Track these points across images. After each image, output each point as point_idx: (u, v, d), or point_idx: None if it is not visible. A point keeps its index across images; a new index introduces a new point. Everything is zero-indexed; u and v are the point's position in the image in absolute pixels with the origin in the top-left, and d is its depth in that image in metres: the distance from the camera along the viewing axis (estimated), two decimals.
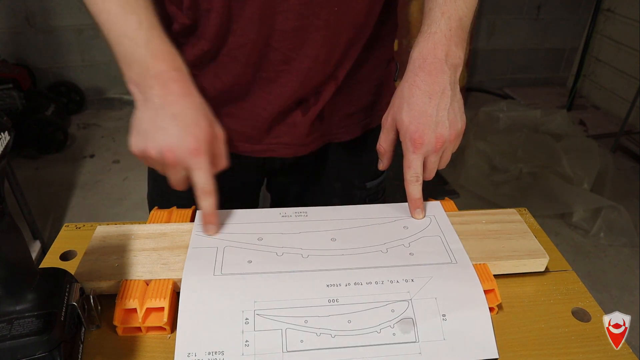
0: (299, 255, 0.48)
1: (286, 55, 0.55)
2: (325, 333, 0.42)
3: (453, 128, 0.52)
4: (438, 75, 0.51)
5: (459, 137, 0.53)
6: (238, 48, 0.55)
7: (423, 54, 0.52)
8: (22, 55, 2.38)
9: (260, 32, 0.53)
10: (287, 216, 0.54)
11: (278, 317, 0.42)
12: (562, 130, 2.29)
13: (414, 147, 0.51)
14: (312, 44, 0.54)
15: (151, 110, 0.48)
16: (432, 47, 0.51)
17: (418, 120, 0.51)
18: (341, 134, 0.68)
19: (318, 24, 0.53)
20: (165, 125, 0.48)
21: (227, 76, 0.57)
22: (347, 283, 0.45)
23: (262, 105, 0.60)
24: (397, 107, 0.53)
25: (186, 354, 0.40)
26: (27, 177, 2.03)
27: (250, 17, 0.52)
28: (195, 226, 0.52)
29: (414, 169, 0.52)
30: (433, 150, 0.52)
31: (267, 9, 0.51)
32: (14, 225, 0.36)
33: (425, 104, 0.51)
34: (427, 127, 0.51)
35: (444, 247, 0.50)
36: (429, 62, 0.51)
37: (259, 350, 0.40)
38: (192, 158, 0.48)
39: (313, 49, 0.55)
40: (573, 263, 0.54)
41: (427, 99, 0.51)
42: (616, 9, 2.59)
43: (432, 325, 0.43)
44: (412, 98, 0.51)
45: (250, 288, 0.44)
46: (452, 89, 0.52)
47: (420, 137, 0.51)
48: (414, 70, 0.52)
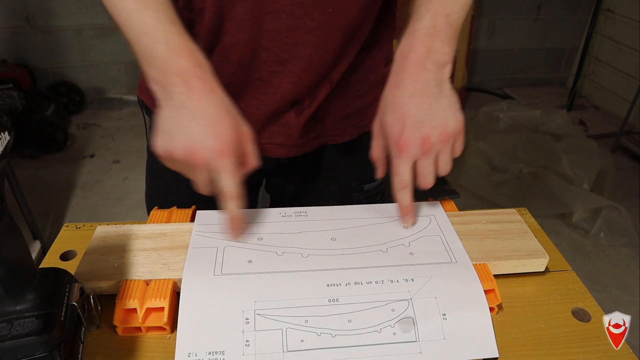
0: (299, 255, 0.48)
1: (279, 56, 0.55)
2: (326, 333, 0.41)
3: (442, 127, 0.48)
4: (420, 73, 0.48)
5: (455, 138, 0.50)
6: (230, 48, 0.55)
7: (404, 52, 0.49)
8: (22, 55, 2.38)
9: (251, 32, 0.53)
10: (287, 216, 0.54)
11: (278, 317, 0.42)
12: (562, 130, 2.29)
13: (399, 151, 0.49)
14: (306, 45, 0.54)
15: (174, 109, 0.46)
16: (412, 45, 0.49)
17: (401, 122, 0.48)
18: (337, 135, 0.67)
19: (311, 24, 0.52)
20: (189, 124, 0.46)
21: (220, 76, 0.57)
22: (347, 282, 0.45)
23: (256, 105, 0.59)
24: (382, 111, 0.52)
25: (186, 354, 0.40)
26: (27, 177, 2.03)
27: (241, 16, 0.52)
28: (196, 226, 0.52)
29: (400, 176, 0.50)
30: (421, 153, 0.48)
31: (258, 8, 0.51)
32: (14, 225, 0.36)
33: (407, 104, 0.48)
34: (410, 128, 0.48)
35: (444, 247, 0.50)
36: (410, 60, 0.49)
37: (260, 350, 0.40)
38: (217, 159, 0.46)
39: (307, 50, 0.54)
40: (573, 263, 0.54)
41: (408, 98, 0.48)
42: (616, 9, 2.59)
43: (432, 325, 0.43)
44: (394, 99, 0.50)
45: (251, 288, 0.44)
46: (438, 85, 0.49)
47: (404, 140, 0.48)
48: (396, 70, 0.50)
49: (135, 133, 2.40)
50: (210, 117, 0.46)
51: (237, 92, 0.59)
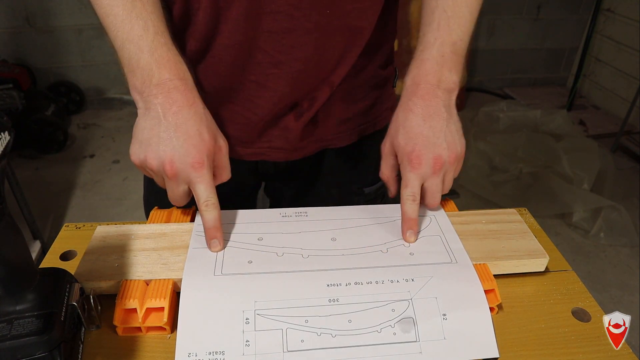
0: (299, 255, 0.48)
1: (275, 58, 0.54)
2: (326, 333, 0.41)
3: (452, 150, 0.51)
4: (431, 99, 0.51)
5: (459, 160, 0.53)
6: (225, 49, 0.54)
7: (416, 80, 0.52)
8: (22, 55, 2.38)
9: (246, 33, 0.53)
10: (287, 216, 0.54)
11: (278, 317, 0.42)
12: (562, 130, 2.29)
13: (411, 166, 0.51)
14: (303, 47, 0.54)
15: (153, 119, 0.47)
16: (424, 74, 0.52)
17: (414, 142, 0.51)
18: (337, 139, 0.67)
19: (308, 26, 0.52)
20: (166, 135, 0.46)
21: (215, 78, 0.56)
22: (348, 283, 0.45)
23: (252, 109, 0.59)
24: (393, 132, 0.53)
25: (187, 354, 0.40)
26: (27, 177, 2.03)
27: (236, 17, 0.52)
28: (196, 226, 0.52)
29: (411, 188, 0.51)
30: (431, 171, 0.51)
31: (254, 9, 0.51)
32: (14, 225, 0.36)
33: (420, 126, 0.51)
34: (423, 148, 0.50)
35: (444, 247, 0.50)
36: (422, 88, 0.52)
37: (260, 350, 0.40)
38: (193, 171, 0.46)
39: (303, 53, 0.54)
40: (573, 263, 0.54)
41: (421, 121, 0.51)
42: (616, 9, 2.59)
43: (432, 325, 0.43)
44: (406, 122, 0.52)
45: (251, 288, 0.44)
46: (447, 111, 0.52)
47: (417, 157, 0.50)
48: (408, 95, 0.52)
49: None
50: (190, 129, 0.47)
51: (232, 95, 0.58)
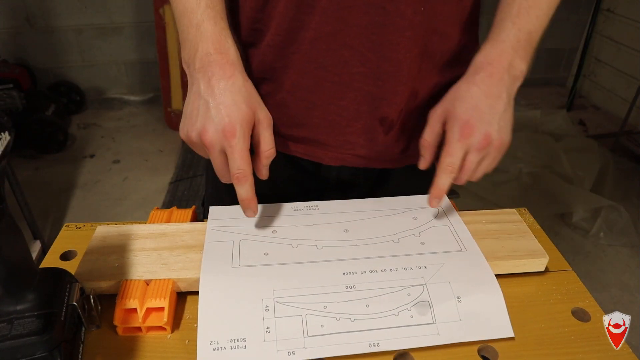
0: (314, 246, 0.50)
1: (364, 56, 0.52)
2: (345, 317, 0.42)
3: (502, 134, 0.49)
4: (498, 81, 0.49)
5: (502, 149, 0.50)
6: (310, 43, 0.52)
7: (488, 58, 0.50)
8: (22, 55, 2.38)
9: (335, 26, 0.50)
10: (298, 210, 0.55)
11: (297, 304, 0.43)
12: (562, 130, 2.29)
13: (461, 134, 0.48)
14: (394, 46, 0.51)
15: (195, 93, 0.47)
16: (497, 54, 0.50)
17: (471, 113, 0.49)
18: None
19: (402, 24, 0.50)
20: (204, 108, 0.46)
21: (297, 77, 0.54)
22: (363, 271, 0.46)
23: (335, 111, 0.56)
24: (450, 99, 0.51)
25: (208, 342, 0.40)
26: (27, 177, 2.03)
27: (324, 8, 0.49)
28: (210, 221, 0.52)
29: (452, 158, 0.49)
30: (477, 146, 0.48)
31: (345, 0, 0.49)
32: (14, 225, 0.36)
33: (481, 101, 0.49)
34: (478, 121, 0.48)
35: (453, 236, 0.52)
36: (492, 66, 0.50)
37: (281, 335, 0.41)
38: (225, 139, 0.46)
39: (395, 53, 0.51)
40: (573, 263, 0.54)
41: (483, 96, 0.49)
42: (616, 9, 2.59)
43: (447, 307, 0.44)
44: (467, 92, 0.50)
45: (269, 277, 0.45)
46: (508, 98, 0.50)
47: (470, 127, 0.48)
48: (476, 70, 0.50)
49: (135, 133, 2.40)
50: (225, 100, 0.46)
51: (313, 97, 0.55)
